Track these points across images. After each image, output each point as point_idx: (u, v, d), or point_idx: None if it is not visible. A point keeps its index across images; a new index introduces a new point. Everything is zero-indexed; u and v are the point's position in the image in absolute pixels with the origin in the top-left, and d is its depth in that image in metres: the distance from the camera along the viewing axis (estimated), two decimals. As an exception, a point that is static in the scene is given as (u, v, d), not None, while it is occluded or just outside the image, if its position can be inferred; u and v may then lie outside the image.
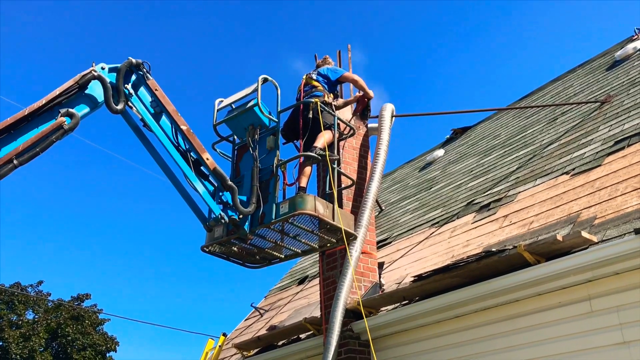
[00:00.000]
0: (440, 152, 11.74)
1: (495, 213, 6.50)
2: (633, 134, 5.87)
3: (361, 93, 6.95)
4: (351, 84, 7.00)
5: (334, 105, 6.37)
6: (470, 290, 5.00)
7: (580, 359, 4.27)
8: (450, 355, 5.21)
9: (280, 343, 7.41)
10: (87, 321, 27.82)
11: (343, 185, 6.53)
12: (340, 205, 6.42)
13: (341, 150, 6.85)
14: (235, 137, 5.91)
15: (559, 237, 4.44)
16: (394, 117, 7.42)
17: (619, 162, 5.51)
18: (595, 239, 4.44)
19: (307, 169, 5.91)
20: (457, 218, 7.23)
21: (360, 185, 6.88)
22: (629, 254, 4.04)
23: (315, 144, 5.78)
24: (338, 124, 6.12)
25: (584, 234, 4.40)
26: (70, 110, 4.55)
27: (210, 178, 5.34)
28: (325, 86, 6.43)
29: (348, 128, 6.46)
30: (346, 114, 7.08)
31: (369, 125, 7.42)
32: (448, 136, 12.58)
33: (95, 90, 4.77)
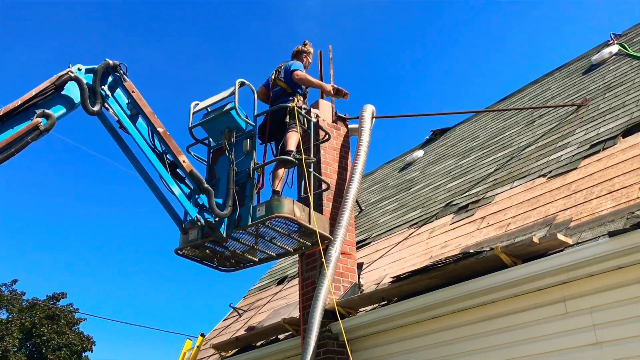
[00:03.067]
0: (419, 153, 11.81)
1: (473, 214, 6.56)
2: (608, 137, 5.97)
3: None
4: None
5: (304, 108, 6.39)
6: (447, 292, 5.04)
7: (554, 359, 4.33)
8: (428, 356, 5.25)
9: (258, 344, 7.39)
10: (62, 321, 27.46)
11: (321, 188, 6.54)
12: (320, 208, 6.43)
13: (322, 151, 6.86)
14: (211, 140, 5.89)
15: (535, 240, 4.50)
16: (374, 118, 7.45)
17: (595, 165, 5.61)
18: (570, 241, 4.51)
19: (281, 172, 5.93)
20: (436, 219, 7.29)
21: (341, 186, 6.90)
22: (602, 256, 4.10)
23: (288, 147, 5.78)
24: (315, 129, 6.14)
25: (560, 236, 4.47)
26: (46, 111, 4.52)
27: (187, 180, 5.32)
28: (290, 86, 6.41)
29: (324, 132, 6.48)
30: (326, 113, 7.10)
31: (350, 126, 7.45)
32: (428, 137, 12.67)
33: (72, 91, 4.75)
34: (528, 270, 4.51)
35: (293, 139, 5.84)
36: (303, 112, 6.24)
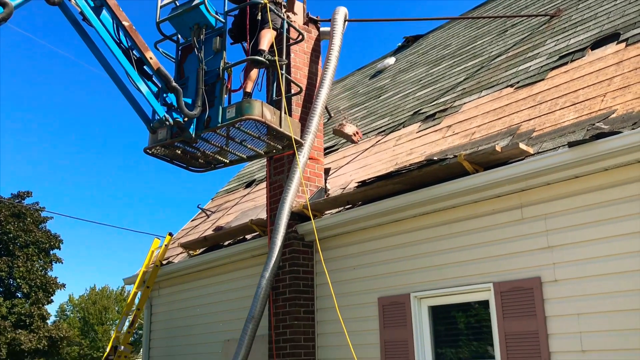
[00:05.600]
0: (391, 60, 11.70)
1: (439, 123, 6.64)
2: (577, 49, 6.00)
3: None
4: None
5: (283, 5, 6.17)
6: (410, 196, 5.20)
7: (509, 262, 4.59)
8: (389, 256, 5.49)
9: (226, 243, 7.59)
10: (29, 219, 27.50)
11: (292, 92, 6.48)
12: (289, 112, 6.41)
13: (292, 55, 6.73)
14: (180, 36, 5.69)
15: (498, 148, 4.62)
16: (346, 22, 7.29)
17: (562, 76, 5.67)
18: (531, 150, 4.64)
19: (253, 73, 5.80)
20: (403, 127, 7.37)
21: (310, 91, 6.85)
22: (561, 165, 4.27)
23: (260, 47, 5.61)
24: (287, 28, 5.96)
25: (522, 145, 4.59)
26: None
27: (154, 78, 5.16)
28: None
29: (297, 33, 6.31)
30: (297, 13, 6.90)
31: (321, 29, 7.28)
32: (400, 44, 12.50)
33: (30, -22, 4.46)
34: (488, 178, 4.67)
35: (266, 37, 5.65)
36: (283, 10, 6.03)
